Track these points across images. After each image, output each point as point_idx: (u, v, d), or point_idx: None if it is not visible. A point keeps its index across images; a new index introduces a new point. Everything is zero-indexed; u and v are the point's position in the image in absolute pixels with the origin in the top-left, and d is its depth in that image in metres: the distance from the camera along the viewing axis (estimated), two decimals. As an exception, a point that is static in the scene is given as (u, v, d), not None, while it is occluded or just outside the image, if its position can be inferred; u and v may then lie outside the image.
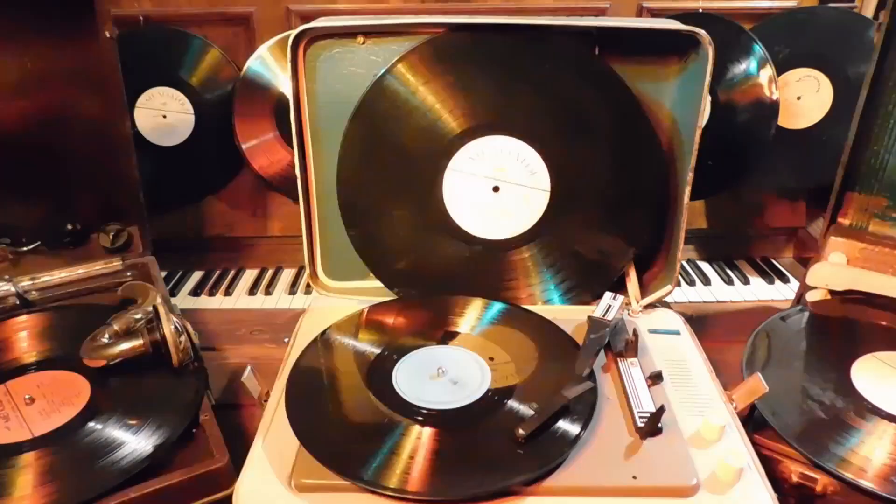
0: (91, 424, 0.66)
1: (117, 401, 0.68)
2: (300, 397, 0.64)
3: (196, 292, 1.16)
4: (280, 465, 0.57)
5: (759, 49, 1.11)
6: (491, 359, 0.69)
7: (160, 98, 1.15)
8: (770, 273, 1.20)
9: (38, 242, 0.86)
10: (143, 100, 1.15)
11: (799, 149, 1.19)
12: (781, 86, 1.14)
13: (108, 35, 0.79)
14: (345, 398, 0.65)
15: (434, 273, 0.84)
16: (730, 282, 1.18)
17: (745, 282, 1.19)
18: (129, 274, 0.87)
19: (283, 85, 1.14)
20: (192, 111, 1.16)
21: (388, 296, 0.84)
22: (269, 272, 1.22)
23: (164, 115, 1.16)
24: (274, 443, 0.60)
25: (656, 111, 0.78)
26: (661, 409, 0.59)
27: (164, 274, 1.05)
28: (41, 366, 0.75)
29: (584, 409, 0.61)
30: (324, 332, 0.73)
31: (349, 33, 0.77)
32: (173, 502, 0.62)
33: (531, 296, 0.84)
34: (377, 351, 0.71)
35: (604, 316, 0.73)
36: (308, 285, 1.15)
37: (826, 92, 1.16)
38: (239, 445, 0.62)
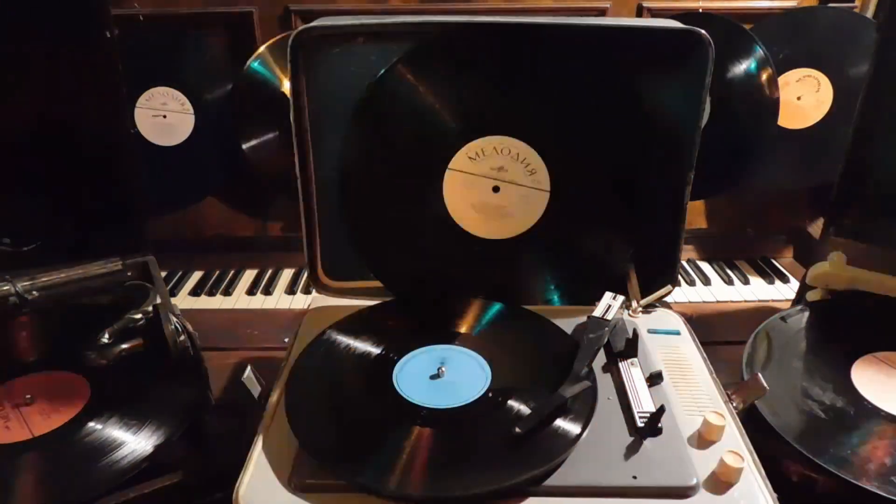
0: (91, 424, 0.66)
1: (117, 401, 0.68)
2: (300, 397, 0.64)
3: (196, 292, 1.16)
4: (280, 465, 0.57)
5: (759, 49, 1.11)
6: (491, 359, 0.69)
7: (160, 98, 1.15)
8: (770, 273, 1.20)
9: (38, 242, 0.86)
10: (143, 100, 1.15)
11: (799, 149, 1.19)
12: (781, 86, 1.14)
13: (108, 35, 0.79)
14: (345, 398, 0.65)
15: (434, 273, 0.84)
16: (730, 282, 1.18)
17: (745, 282, 1.19)
18: (129, 274, 0.87)
19: (283, 85, 1.14)
20: (192, 111, 1.16)
21: (388, 296, 0.84)
22: (269, 272, 1.22)
23: (164, 115, 1.16)
24: (274, 443, 0.60)
25: (656, 111, 0.78)
26: (661, 409, 0.59)
27: (164, 274, 1.05)
28: (41, 366, 0.75)
29: (584, 408, 0.61)
30: (324, 332, 0.73)
31: (349, 33, 0.77)
32: (173, 502, 0.62)
33: (531, 296, 0.84)
34: (377, 351, 0.70)
35: (604, 316, 0.73)
36: (308, 285, 1.15)
37: (826, 92, 1.16)
38: (239, 445, 0.62)
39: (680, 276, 1.15)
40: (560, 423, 0.59)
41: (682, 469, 0.56)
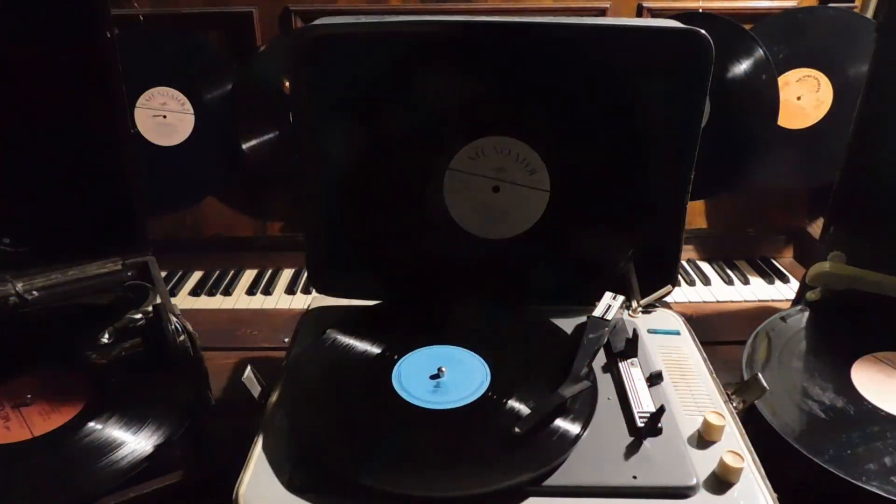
0: (91, 424, 0.66)
1: (117, 401, 0.69)
2: (300, 397, 0.64)
3: (196, 292, 1.16)
4: (280, 465, 0.57)
5: (759, 49, 1.11)
6: (491, 359, 0.69)
7: (160, 98, 1.15)
8: (770, 273, 1.20)
9: (38, 242, 0.86)
10: (143, 100, 1.15)
11: (799, 149, 1.19)
12: (781, 86, 1.14)
13: (108, 35, 0.79)
14: (344, 398, 0.65)
15: (434, 273, 0.84)
16: (730, 282, 1.18)
17: (745, 282, 1.19)
18: (129, 274, 0.87)
19: (283, 85, 1.14)
20: (192, 111, 1.16)
21: (388, 296, 0.84)
22: (269, 272, 1.22)
23: (164, 115, 1.16)
24: (274, 443, 0.60)
25: (656, 111, 0.78)
26: (661, 409, 0.59)
27: (164, 274, 1.05)
28: (41, 366, 0.75)
29: (584, 408, 0.61)
30: (323, 332, 0.73)
31: (349, 33, 0.77)
32: (173, 502, 0.62)
33: (531, 296, 0.84)
34: (377, 351, 0.71)
35: (604, 316, 0.73)
36: (308, 285, 1.15)
37: (826, 92, 1.16)
38: (239, 445, 0.62)
39: (680, 276, 1.15)
40: (560, 423, 0.59)
41: (682, 469, 0.56)
